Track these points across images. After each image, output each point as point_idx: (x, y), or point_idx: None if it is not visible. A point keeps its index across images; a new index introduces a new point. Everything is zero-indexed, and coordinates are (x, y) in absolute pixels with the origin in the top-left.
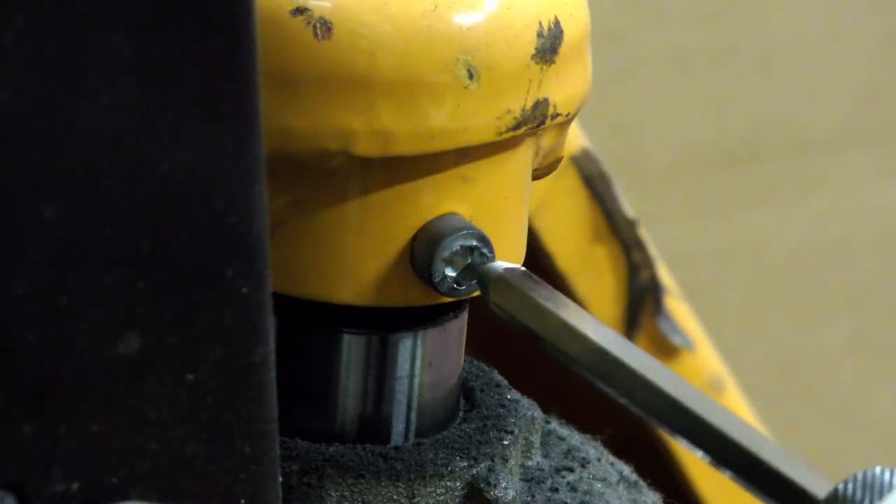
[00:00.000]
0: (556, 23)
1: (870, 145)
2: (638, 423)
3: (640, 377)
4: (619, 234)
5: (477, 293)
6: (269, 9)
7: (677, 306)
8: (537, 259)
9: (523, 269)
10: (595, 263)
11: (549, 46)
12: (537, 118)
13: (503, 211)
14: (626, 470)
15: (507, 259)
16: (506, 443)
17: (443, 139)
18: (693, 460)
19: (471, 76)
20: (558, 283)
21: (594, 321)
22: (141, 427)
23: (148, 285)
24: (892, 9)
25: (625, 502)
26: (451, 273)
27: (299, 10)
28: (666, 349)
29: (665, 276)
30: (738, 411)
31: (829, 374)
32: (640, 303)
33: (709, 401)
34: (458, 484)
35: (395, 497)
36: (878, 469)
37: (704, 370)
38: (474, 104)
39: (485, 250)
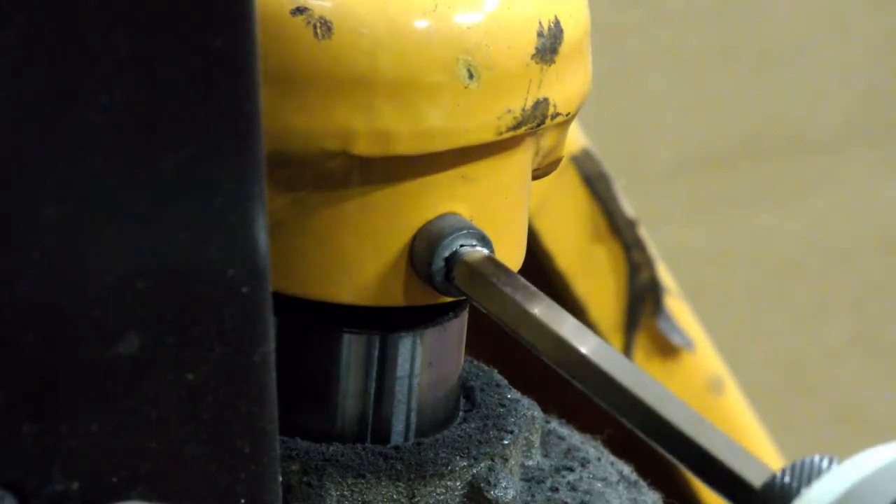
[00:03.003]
0: (556, 23)
1: (870, 145)
2: None
3: (588, 362)
4: (619, 233)
5: None
6: (269, 8)
7: (677, 306)
8: (537, 259)
9: (488, 253)
10: (595, 263)
11: (549, 46)
12: (537, 118)
13: (503, 211)
14: (626, 470)
15: (507, 259)
16: (506, 442)
17: (443, 139)
18: None
19: (471, 76)
20: (558, 282)
21: (550, 305)
22: (141, 427)
23: (148, 285)
24: (892, 8)
25: (625, 502)
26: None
27: (299, 10)
28: (666, 349)
29: (665, 276)
30: (738, 411)
31: (829, 374)
32: (640, 303)
33: (658, 388)
34: (458, 483)
35: (395, 497)
36: (814, 457)
37: (704, 370)
38: (474, 104)
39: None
